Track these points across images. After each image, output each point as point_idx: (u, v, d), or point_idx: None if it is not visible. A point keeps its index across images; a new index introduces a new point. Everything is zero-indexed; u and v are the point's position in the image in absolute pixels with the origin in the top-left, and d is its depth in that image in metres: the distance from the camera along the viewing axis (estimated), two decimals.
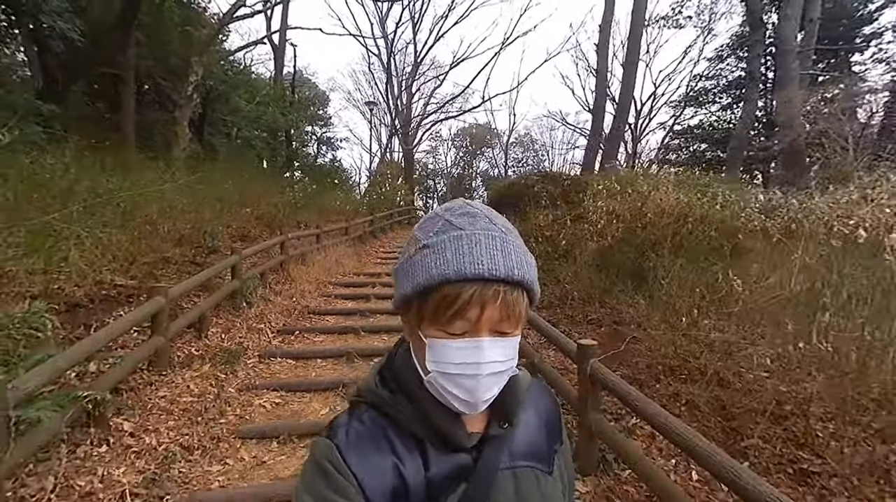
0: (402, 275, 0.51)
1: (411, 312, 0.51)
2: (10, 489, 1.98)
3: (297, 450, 2.82)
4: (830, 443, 2.05)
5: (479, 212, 0.52)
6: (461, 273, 0.46)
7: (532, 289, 0.50)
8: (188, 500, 2.27)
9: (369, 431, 0.52)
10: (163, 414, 2.90)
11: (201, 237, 5.57)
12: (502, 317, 0.48)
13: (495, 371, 0.49)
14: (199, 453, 2.65)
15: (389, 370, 0.57)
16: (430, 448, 0.52)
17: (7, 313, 2.55)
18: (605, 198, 4.57)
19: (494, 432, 0.55)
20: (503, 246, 0.49)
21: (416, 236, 0.52)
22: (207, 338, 4.04)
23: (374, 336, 4.72)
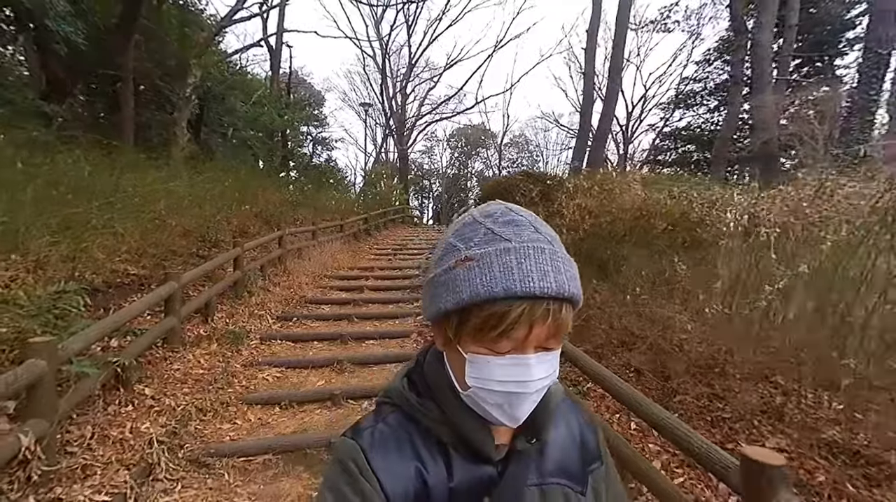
0: (442, 288, 0.48)
1: (449, 326, 0.49)
2: (57, 433, 2.38)
3: (297, 414, 3.24)
4: (738, 395, 2.49)
5: (523, 219, 0.49)
6: (511, 291, 0.44)
7: (579, 301, 0.48)
8: (204, 449, 2.68)
9: (395, 434, 0.51)
10: (178, 383, 3.30)
11: (205, 231, 5.96)
12: (550, 335, 0.47)
13: (540, 387, 0.48)
14: (211, 414, 3.06)
15: (419, 374, 0.55)
16: (455, 456, 0.50)
17: (46, 291, 2.94)
18: (576, 196, 5.05)
19: (521, 446, 0.53)
20: (552, 259, 0.46)
21: (453, 244, 0.49)
22: (213, 321, 4.44)
23: (367, 322, 5.14)
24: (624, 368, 3.21)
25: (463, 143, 40.29)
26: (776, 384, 2.44)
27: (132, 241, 4.63)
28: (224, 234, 6.28)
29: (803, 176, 4.44)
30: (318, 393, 3.46)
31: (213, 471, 2.55)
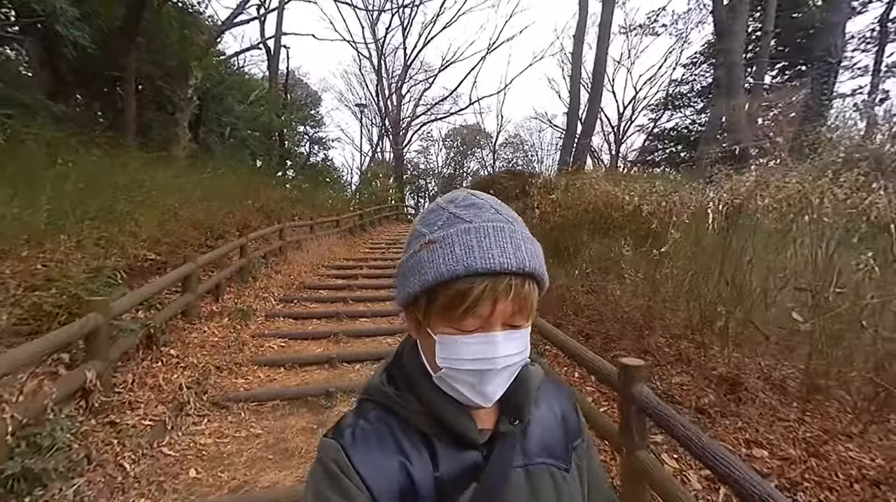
0: (408, 272, 0.50)
1: (418, 309, 0.50)
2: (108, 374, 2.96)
3: (299, 373, 3.83)
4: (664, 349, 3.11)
5: (484, 202, 0.51)
6: (471, 268, 0.45)
7: (542, 278, 0.50)
8: (223, 395, 3.27)
9: (376, 430, 0.51)
10: (197, 348, 3.88)
11: (212, 224, 6.52)
12: (514, 311, 0.47)
13: (509, 364, 0.49)
14: (226, 372, 3.64)
15: (397, 368, 0.56)
16: (438, 446, 0.51)
17: (89, 267, 3.52)
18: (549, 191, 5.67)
19: (505, 429, 0.53)
20: (512, 237, 0.48)
21: (419, 230, 0.51)
22: (223, 301, 5.02)
23: (360, 303, 5.73)
24: (577, 333, 3.83)
25: (458, 143, 40.86)
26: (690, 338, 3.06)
27: (149, 231, 5.19)
28: (229, 227, 6.84)
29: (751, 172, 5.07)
30: (317, 357, 4.06)
31: (231, 411, 3.13)
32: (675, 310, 3.11)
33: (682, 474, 2.21)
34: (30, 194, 4.09)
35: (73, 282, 3.31)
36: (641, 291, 3.21)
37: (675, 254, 3.30)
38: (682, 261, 3.16)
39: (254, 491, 2.30)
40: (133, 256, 4.76)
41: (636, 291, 3.25)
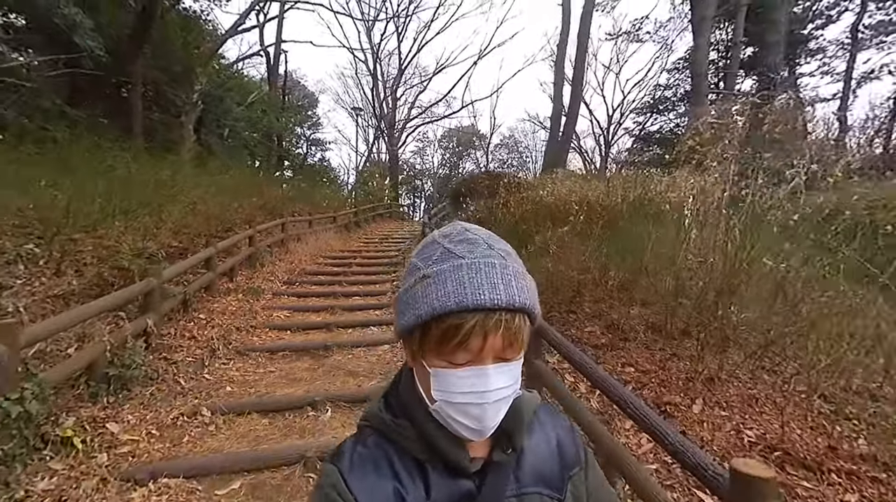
0: (404, 306, 0.52)
1: (414, 342, 0.52)
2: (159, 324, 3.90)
3: (303, 334, 4.77)
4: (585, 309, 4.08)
5: (477, 237, 0.53)
6: (462, 304, 0.47)
7: (533, 312, 0.51)
8: (243, 346, 4.21)
9: (372, 455, 0.53)
10: (219, 314, 4.82)
11: (223, 217, 7.45)
12: (505, 345, 0.49)
13: (501, 397, 0.50)
14: (244, 332, 4.59)
15: (394, 395, 0.58)
16: (432, 473, 0.52)
17: (136, 247, 4.46)
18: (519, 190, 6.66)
19: (498, 458, 0.55)
20: (503, 273, 0.49)
21: (415, 264, 0.53)
22: (236, 281, 5.96)
23: (354, 287, 6.69)
24: None
25: (454, 144, 41.77)
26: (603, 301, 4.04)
27: (172, 222, 6.13)
28: (237, 220, 7.78)
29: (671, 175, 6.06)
30: (317, 324, 5.01)
31: (251, 357, 4.08)
32: (589, 276, 4.08)
33: (575, 384, 3.18)
34: (83, 190, 5.02)
35: (125, 258, 4.25)
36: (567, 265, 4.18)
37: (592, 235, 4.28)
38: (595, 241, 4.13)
39: (273, 395, 3.26)
40: (160, 243, 5.72)
41: (566, 266, 4.23)
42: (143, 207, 5.59)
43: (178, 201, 6.56)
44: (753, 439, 2.34)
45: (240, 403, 3.10)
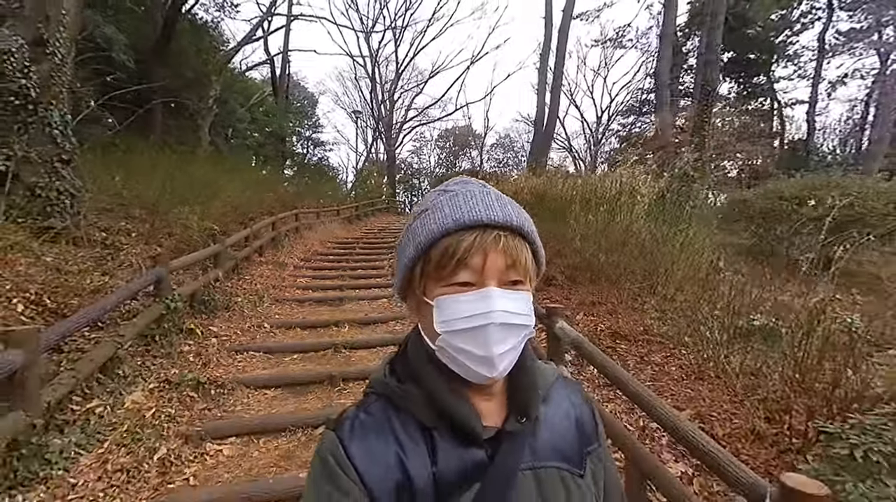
0: (404, 245, 0.53)
1: (415, 279, 0.52)
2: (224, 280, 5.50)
3: (321, 292, 6.38)
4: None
5: (471, 179, 0.56)
6: (460, 221, 0.48)
7: (534, 241, 0.52)
8: (278, 297, 5.83)
9: (375, 422, 0.52)
10: (258, 278, 6.45)
11: (246, 208, 9.06)
12: (507, 265, 0.49)
13: (507, 322, 0.49)
14: (277, 290, 6.22)
15: (401, 359, 0.57)
16: (439, 440, 0.50)
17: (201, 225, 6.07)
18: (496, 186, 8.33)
19: (511, 427, 0.53)
20: (498, 198, 0.51)
21: (413, 212, 0.55)
22: (265, 257, 7.58)
23: (358, 262, 8.32)
24: None
25: (450, 144, 43.31)
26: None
27: (210, 210, 7.73)
28: (258, 211, 9.39)
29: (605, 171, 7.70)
30: (331, 286, 6.65)
31: (286, 304, 5.70)
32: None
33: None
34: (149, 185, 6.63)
35: (195, 233, 5.87)
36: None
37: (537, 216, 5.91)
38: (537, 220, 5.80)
39: (309, 319, 4.90)
40: (202, 227, 7.34)
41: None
42: (195, 199, 7.20)
43: (216, 195, 8.17)
44: (603, 329, 3.97)
45: (288, 322, 4.75)
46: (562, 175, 7.38)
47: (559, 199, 5.81)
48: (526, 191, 6.61)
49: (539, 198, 6.34)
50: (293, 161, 24.21)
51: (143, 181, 6.75)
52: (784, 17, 22.95)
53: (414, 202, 43.42)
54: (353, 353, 4.10)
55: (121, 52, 11.73)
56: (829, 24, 21.46)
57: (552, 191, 6.23)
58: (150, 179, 6.92)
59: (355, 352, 4.13)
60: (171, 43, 13.20)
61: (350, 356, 4.05)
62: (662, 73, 12.97)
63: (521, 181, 7.75)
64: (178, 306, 3.80)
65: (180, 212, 6.37)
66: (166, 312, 3.71)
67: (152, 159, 8.16)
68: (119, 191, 6.26)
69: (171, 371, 3.30)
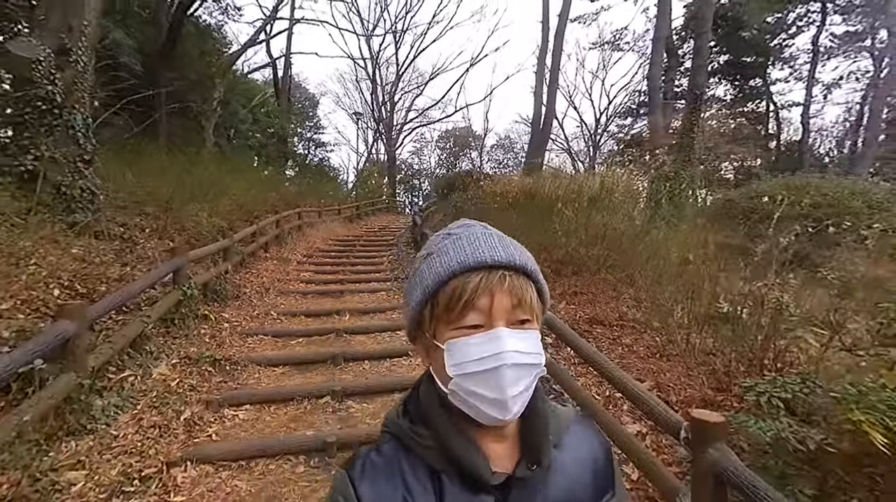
0: (412, 289, 0.54)
1: (424, 322, 0.53)
2: (232, 273, 5.88)
3: (324, 286, 6.77)
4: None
5: (474, 223, 0.57)
6: (465, 264, 0.50)
7: (537, 279, 0.53)
8: (283, 290, 6.22)
9: (386, 463, 0.52)
10: (263, 272, 6.84)
11: (251, 206, 9.46)
12: (514, 304, 0.50)
13: (518, 362, 0.49)
14: (283, 283, 6.61)
15: (413, 400, 0.57)
16: (447, 485, 0.50)
17: (210, 222, 6.46)
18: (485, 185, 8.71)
19: (522, 474, 0.52)
20: (500, 240, 0.53)
21: (418, 256, 0.57)
22: (270, 253, 7.97)
23: (359, 258, 8.72)
24: None
25: (451, 145, 43.71)
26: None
27: (218, 208, 8.13)
28: (263, 209, 9.78)
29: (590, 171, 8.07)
30: (333, 280, 7.02)
31: (290, 296, 6.09)
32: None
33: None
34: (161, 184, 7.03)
35: (205, 229, 6.26)
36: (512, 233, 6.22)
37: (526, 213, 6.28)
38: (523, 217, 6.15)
39: (312, 309, 5.28)
40: (211, 223, 7.74)
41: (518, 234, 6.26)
42: (203, 197, 7.60)
43: (223, 194, 8.57)
44: (582, 316, 4.35)
45: (293, 310, 5.14)
46: (551, 175, 7.76)
47: (546, 198, 6.20)
48: (517, 191, 7.01)
49: (529, 196, 6.73)
50: (295, 161, 24.65)
51: (154, 180, 7.15)
52: (779, 20, 23.36)
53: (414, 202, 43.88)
54: (353, 338, 4.49)
55: (129, 56, 12.13)
56: (823, 28, 21.86)
57: (540, 191, 6.64)
58: (160, 178, 7.32)
59: (355, 336, 4.52)
60: (176, 46, 13.58)
61: (350, 340, 4.44)
62: (654, 76, 13.35)
63: (515, 181, 8.15)
64: (194, 293, 4.19)
65: (190, 210, 6.77)
66: (183, 298, 4.10)
67: (162, 160, 8.56)
68: (133, 189, 6.65)
69: (190, 349, 3.69)
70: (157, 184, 6.97)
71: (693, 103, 10.07)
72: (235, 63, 18.15)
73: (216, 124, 18.05)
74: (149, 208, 6.46)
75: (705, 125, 13.19)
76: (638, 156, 13.59)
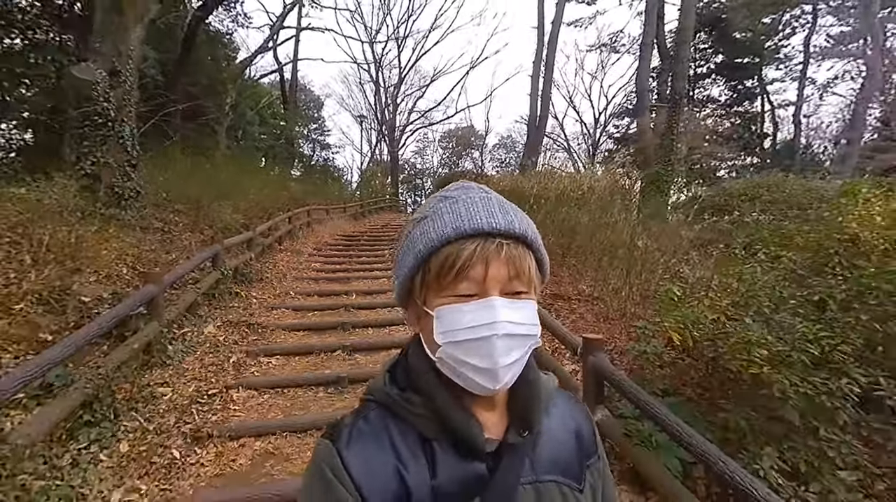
0: (403, 254, 0.52)
1: (415, 289, 0.52)
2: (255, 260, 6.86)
3: (332, 274, 7.73)
4: None
5: (472, 185, 0.54)
6: (460, 230, 0.47)
7: (537, 248, 0.51)
8: (299, 276, 7.19)
9: (373, 431, 0.51)
10: (280, 262, 7.81)
11: (266, 204, 10.45)
12: (510, 275, 0.48)
13: (511, 332, 0.48)
14: (296, 271, 7.58)
15: (401, 368, 0.56)
16: (439, 452, 0.50)
17: (233, 218, 7.44)
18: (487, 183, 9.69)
19: (513, 440, 0.53)
20: (500, 205, 0.50)
21: (412, 218, 0.54)
22: (283, 246, 8.95)
23: (363, 251, 9.69)
24: None
25: (453, 145, 44.56)
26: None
27: (238, 206, 9.12)
28: (275, 207, 10.77)
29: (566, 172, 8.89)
30: (340, 268, 7.99)
31: (303, 281, 7.06)
32: None
33: None
34: (188, 183, 8.02)
35: (230, 225, 7.25)
36: None
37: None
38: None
39: (325, 290, 6.25)
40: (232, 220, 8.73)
41: None
42: (226, 196, 8.61)
43: (242, 193, 9.57)
44: (548, 293, 5.25)
45: (308, 291, 6.12)
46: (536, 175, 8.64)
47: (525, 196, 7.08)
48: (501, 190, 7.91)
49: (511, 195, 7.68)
50: (301, 162, 25.70)
51: (182, 181, 8.14)
52: (773, 21, 24.02)
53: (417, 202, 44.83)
54: (359, 312, 5.43)
55: (151, 68, 13.17)
56: (814, 30, 22.54)
57: (519, 189, 7.52)
58: (187, 179, 8.32)
59: (361, 310, 5.47)
60: (190, 54, 14.58)
61: (356, 313, 5.38)
62: (642, 80, 14.20)
63: (505, 181, 9.05)
64: (228, 274, 5.16)
65: (215, 207, 7.76)
66: (221, 278, 5.07)
67: (186, 163, 9.57)
68: (167, 188, 7.65)
69: (229, 316, 4.66)
70: (185, 185, 7.97)
71: (674, 107, 10.93)
72: (246, 69, 19.20)
73: (227, 127, 19.06)
74: (178, 206, 7.45)
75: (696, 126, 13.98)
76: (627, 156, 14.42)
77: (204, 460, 2.60)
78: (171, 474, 2.44)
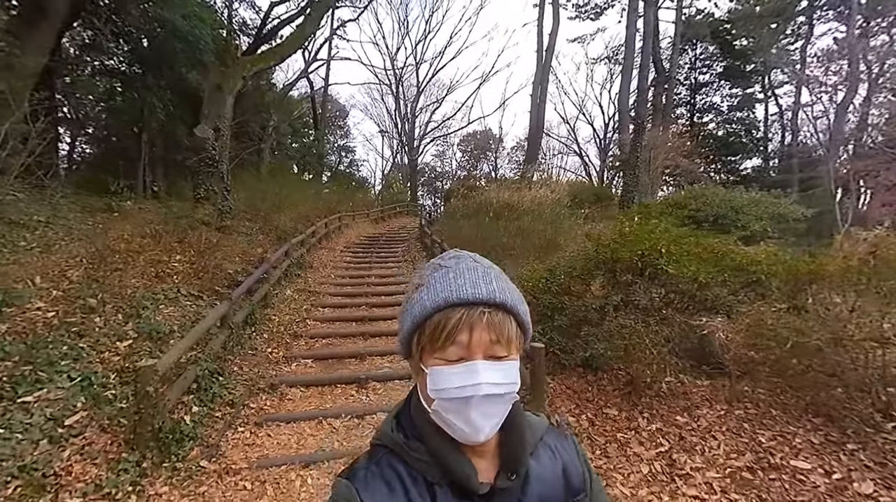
0: (404, 316, 0.61)
1: (413, 347, 0.60)
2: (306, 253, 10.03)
3: (359, 261, 10.83)
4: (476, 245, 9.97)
5: (463, 254, 0.64)
6: (448, 300, 0.56)
7: (518, 313, 0.59)
8: (335, 265, 10.32)
9: (384, 475, 0.59)
10: (321, 255, 10.98)
11: (307, 212, 13.69)
12: (492, 340, 0.56)
13: (491, 393, 0.55)
14: (333, 262, 10.73)
15: (406, 415, 0.64)
16: (440, 494, 0.57)
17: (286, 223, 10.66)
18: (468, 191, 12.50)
19: (503, 484, 0.59)
20: (485, 275, 0.59)
21: (413, 283, 0.63)
22: (322, 244, 12.14)
23: (382, 248, 12.78)
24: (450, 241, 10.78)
25: (472, 148, 47.29)
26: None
27: (288, 214, 12.37)
28: (314, 215, 14.02)
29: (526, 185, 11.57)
30: (364, 262, 11.11)
31: (338, 268, 10.18)
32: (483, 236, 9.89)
33: None
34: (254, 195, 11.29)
35: (287, 227, 10.47)
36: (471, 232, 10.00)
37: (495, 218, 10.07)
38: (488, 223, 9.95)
39: (353, 274, 9.37)
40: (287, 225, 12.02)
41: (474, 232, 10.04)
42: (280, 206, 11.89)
43: (292, 204, 12.86)
44: None
45: (342, 275, 9.23)
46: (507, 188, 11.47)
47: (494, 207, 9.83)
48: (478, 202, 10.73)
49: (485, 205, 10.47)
50: (329, 170, 29.24)
51: (251, 195, 11.46)
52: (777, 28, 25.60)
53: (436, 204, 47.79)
54: (376, 287, 8.48)
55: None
56: (810, 38, 24.00)
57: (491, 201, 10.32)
58: (253, 194, 11.63)
59: (377, 286, 8.52)
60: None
61: (374, 287, 8.42)
62: (623, 101, 16.68)
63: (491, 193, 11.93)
64: (294, 262, 8.30)
65: (277, 216, 11.02)
66: (291, 264, 8.20)
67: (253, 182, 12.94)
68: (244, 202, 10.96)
69: (297, 287, 7.79)
70: (254, 199, 11.29)
71: (636, 130, 13.47)
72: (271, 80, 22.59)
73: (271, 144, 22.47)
74: (249, 215, 10.73)
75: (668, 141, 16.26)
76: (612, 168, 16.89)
77: (301, 345, 5.68)
78: (289, 348, 5.53)
